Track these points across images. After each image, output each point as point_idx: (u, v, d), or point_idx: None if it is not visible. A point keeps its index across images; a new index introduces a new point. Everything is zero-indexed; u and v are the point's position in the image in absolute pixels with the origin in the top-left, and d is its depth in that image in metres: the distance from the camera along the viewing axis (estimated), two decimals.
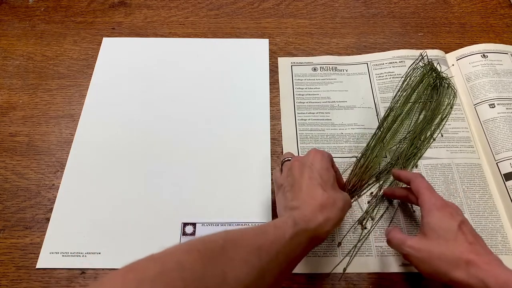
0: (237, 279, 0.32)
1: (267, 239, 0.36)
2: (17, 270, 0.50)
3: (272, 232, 0.37)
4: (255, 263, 0.34)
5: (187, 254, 0.32)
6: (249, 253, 0.34)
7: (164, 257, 0.31)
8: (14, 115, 0.63)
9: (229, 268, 0.32)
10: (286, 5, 0.78)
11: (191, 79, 0.67)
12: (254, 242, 0.35)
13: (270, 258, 0.35)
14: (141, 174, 0.57)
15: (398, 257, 0.51)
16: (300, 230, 0.38)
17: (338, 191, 0.44)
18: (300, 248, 0.38)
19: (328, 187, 0.42)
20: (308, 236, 0.38)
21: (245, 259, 0.33)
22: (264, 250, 0.35)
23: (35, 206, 0.55)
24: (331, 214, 0.40)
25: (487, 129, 0.59)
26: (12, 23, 0.74)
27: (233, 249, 0.34)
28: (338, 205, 0.41)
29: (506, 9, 0.77)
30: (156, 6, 0.77)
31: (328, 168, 0.45)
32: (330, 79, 0.67)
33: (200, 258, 0.31)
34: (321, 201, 0.41)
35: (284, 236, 0.37)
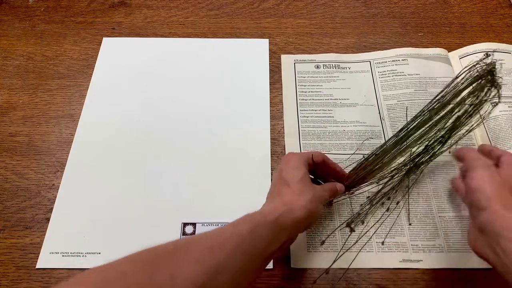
0: (188, 279, 0.32)
1: (222, 237, 0.36)
2: (17, 270, 0.50)
3: (230, 230, 0.37)
4: (208, 262, 0.34)
5: (131, 263, 0.32)
6: (201, 253, 0.34)
7: (107, 267, 0.31)
8: (14, 115, 0.63)
9: (179, 270, 0.32)
10: (286, 5, 0.78)
11: (191, 79, 0.67)
12: (207, 242, 0.36)
13: (227, 255, 0.35)
14: (141, 174, 0.57)
15: (398, 253, 0.51)
16: (257, 223, 0.38)
17: (307, 185, 0.44)
18: (262, 241, 0.38)
19: (294, 183, 0.43)
20: (269, 229, 0.38)
21: (197, 259, 0.33)
22: (217, 248, 0.35)
23: (35, 206, 0.54)
24: (295, 205, 0.41)
25: (488, 127, 0.59)
26: (12, 23, 0.74)
27: (184, 252, 0.34)
28: (305, 197, 0.42)
29: (506, 9, 0.77)
30: (156, 6, 0.77)
31: (297, 167, 0.45)
32: (333, 77, 0.67)
33: (144, 266, 0.32)
34: (284, 195, 0.42)
35: (241, 232, 0.37)
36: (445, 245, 0.51)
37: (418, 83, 0.65)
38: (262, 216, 0.39)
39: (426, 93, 0.64)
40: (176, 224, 0.53)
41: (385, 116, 0.62)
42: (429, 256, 0.50)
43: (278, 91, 0.66)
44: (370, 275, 0.49)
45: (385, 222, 0.53)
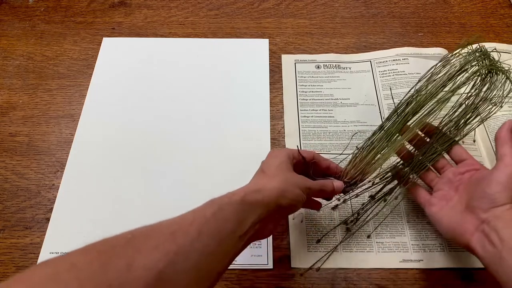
0: (145, 266, 0.30)
1: (184, 223, 0.35)
2: (17, 270, 0.50)
3: (191, 215, 0.36)
4: (169, 248, 0.32)
5: (83, 255, 0.30)
6: (162, 239, 0.32)
7: (57, 260, 0.30)
8: (14, 115, 0.63)
9: (136, 258, 0.30)
10: (286, 5, 0.78)
11: (191, 79, 0.67)
12: (169, 228, 0.34)
13: (191, 239, 0.33)
14: (141, 174, 0.57)
15: (398, 253, 0.50)
16: (222, 205, 0.36)
17: (284, 170, 0.42)
18: (229, 223, 0.36)
19: (270, 169, 0.42)
20: (234, 209, 0.37)
21: (156, 246, 0.32)
22: (180, 233, 0.33)
23: (35, 206, 0.54)
24: (265, 185, 0.39)
25: (488, 127, 0.60)
26: (12, 23, 0.74)
27: (142, 240, 0.32)
28: (277, 178, 0.40)
29: (506, 9, 0.77)
30: (156, 6, 0.77)
31: (276, 156, 0.44)
32: (334, 77, 0.67)
33: (99, 256, 0.30)
34: (256, 179, 0.42)
35: (205, 215, 0.35)
36: (446, 245, 0.51)
37: None
38: (227, 197, 0.38)
39: None
40: None
41: (386, 115, 0.62)
42: (429, 256, 0.50)
43: (278, 91, 0.66)
44: (370, 275, 0.49)
45: (385, 222, 0.53)
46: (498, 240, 0.37)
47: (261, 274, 0.50)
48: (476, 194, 0.41)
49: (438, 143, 0.47)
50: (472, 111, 0.47)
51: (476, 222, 0.40)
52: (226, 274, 0.49)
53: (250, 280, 0.49)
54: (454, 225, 0.42)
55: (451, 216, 0.43)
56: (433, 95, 0.47)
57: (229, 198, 0.37)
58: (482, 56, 0.47)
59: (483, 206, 0.40)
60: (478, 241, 0.40)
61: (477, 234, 0.40)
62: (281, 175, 0.41)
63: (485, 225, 0.39)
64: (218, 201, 0.37)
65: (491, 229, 0.39)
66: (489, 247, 0.38)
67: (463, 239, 0.41)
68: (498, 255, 0.37)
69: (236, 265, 0.50)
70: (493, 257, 0.38)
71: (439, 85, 0.47)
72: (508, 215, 0.39)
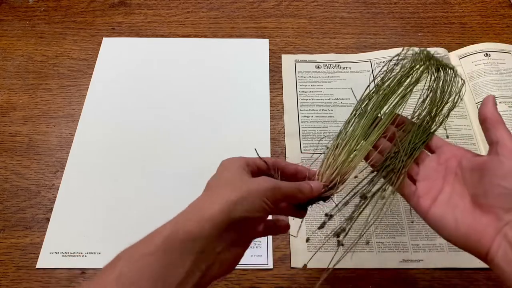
0: None
1: None
2: (17, 270, 0.50)
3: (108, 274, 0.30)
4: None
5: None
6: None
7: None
8: (14, 115, 0.63)
9: None
10: (286, 5, 0.78)
11: (191, 79, 0.67)
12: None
13: None
14: (141, 174, 0.57)
15: (398, 253, 0.50)
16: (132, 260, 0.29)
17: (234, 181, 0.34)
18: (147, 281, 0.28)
19: (219, 184, 0.35)
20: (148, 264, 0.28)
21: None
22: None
23: (35, 206, 0.54)
24: (206, 204, 0.32)
25: None
26: (12, 23, 0.74)
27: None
28: (227, 188, 0.33)
29: (506, 9, 0.77)
30: (156, 6, 0.77)
31: (227, 168, 0.36)
32: (334, 77, 0.67)
33: None
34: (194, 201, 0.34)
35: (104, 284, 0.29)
36: (446, 245, 0.51)
37: None
38: (141, 245, 0.30)
39: None
40: None
41: None
42: (429, 256, 0.50)
43: (278, 91, 0.66)
44: (370, 275, 0.49)
45: (385, 222, 0.53)
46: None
47: (261, 274, 0.50)
48: (490, 189, 0.34)
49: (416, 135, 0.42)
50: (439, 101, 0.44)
51: (496, 224, 0.33)
52: None
53: (250, 280, 0.49)
54: (466, 229, 0.34)
55: (458, 217, 0.35)
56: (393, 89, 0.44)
57: (143, 246, 0.30)
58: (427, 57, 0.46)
59: (505, 204, 0.32)
60: (500, 249, 0.32)
61: (498, 240, 0.32)
62: (232, 184, 0.33)
63: (508, 228, 0.32)
64: (125, 256, 0.29)
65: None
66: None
67: (480, 247, 0.33)
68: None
69: None
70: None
71: (396, 81, 0.45)
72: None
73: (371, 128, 0.42)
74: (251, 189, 0.33)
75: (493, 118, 0.35)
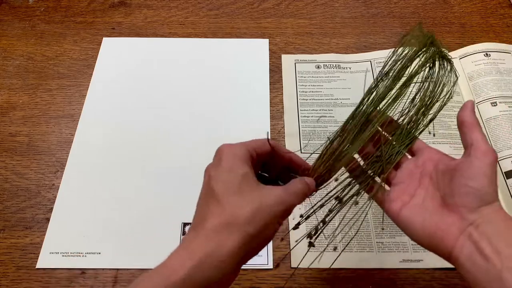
0: None
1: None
2: (17, 270, 0.50)
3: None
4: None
5: None
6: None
7: None
8: (14, 115, 0.63)
9: None
10: (286, 5, 0.78)
11: (191, 79, 0.67)
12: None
13: None
14: (141, 174, 0.57)
15: (398, 253, 0.50)
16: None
17: (249, 193, 0.31)
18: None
19: (228, 194, 0.31)
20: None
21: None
22: None
23: (35, 206, 0.54)
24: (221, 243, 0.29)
25: (488, 127, 0.59)
26: (12, 23, 0.74)
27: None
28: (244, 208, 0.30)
29: (506, 9, 0.77)
30: (156, 6, 0.77)
31: (233, 166, 0.32)
32: (334, 77, 0.67)
33: None
34: (209, 222, 0.30)
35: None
36: None
37: None
38: (162, 278, 0.27)
39: None
40: (176, 224, 0.53)
41: None
42: (429, 256, 0.50)
43: (278, 91, 0.66)
44: (370, 275, 0.49)
45: (385, 222, 0.53)
46: (493, 253, 0.30)
47: (261, 274, 0.50)
48: (457, 189, 0.34)
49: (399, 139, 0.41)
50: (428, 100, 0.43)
51: (460, 224, 0.33)
52: None
53: (250, 280, 0.49)
54: (431, 229, 0.34)
55: (425, 217, 0.35)
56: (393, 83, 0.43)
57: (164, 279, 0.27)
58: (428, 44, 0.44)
59: (470, 204, 0.33)
60: (465, 249, 0.32)
61: (462, 239, 0.32)
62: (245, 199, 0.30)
63: (472, 228, 0.32)
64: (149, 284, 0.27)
65: (481, 235, 0.31)
66: (480, 261, 0.30)
67: (444, 246, 0.33)
68: (496, 276, 0.29)
69: None
70: (487, 276, 0.30)
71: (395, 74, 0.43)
72: (500, 218, 0.32)
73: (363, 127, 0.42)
74: (269, 213, 0.31)
75: (470, 122, 0.36)
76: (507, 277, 0.29)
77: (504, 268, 0.29)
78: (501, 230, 0.31)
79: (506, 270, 0.29)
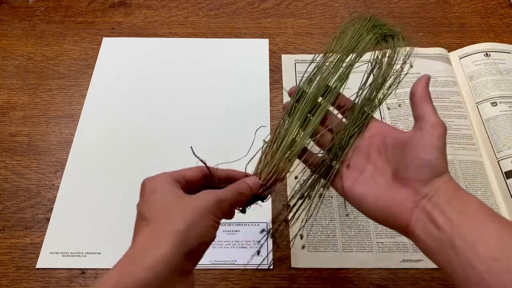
0: None
1: None
2: (17, 270, 0.50)
3: None
4: None
5: None
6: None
7: None
8: (14, 115, 0.63)
9: None
10: (286, 5, 0.78)
11: (191, 79, 0.67)
12: None
13: None
14: (141, 174, 0.57)
15: (398, 253, 0.50)
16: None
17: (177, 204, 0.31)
18: None
19: (156, 212, 0.31)
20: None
21: None
22: None
23: (35, 206, 0.54)
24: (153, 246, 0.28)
25: (489, 127, 0.59)
26: (12, 23, 0.74)
27: None
28: (172, 218, 0.30)
29: (506, 9, 0.77)
30: (156, 6, 0.77)
31: (158, 189, 0.33)
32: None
33: None
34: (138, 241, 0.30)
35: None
36: None
37: None
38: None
39: None
40: None
41: (386, 115, 0.62)
42: None
43: (278, 91, 0.66)
44: (370, 275, 0.49)
45: None
46: (446, 222, 0.30)
47: (261, 274, 0.50)
48: (410, 163, 0.33)
49: (354, 122, 0.40)
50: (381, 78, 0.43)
51: (414, 197, 0.33)
52: (226, 274, 0.49)
53: (250, 280, 0.49)
54: (385, 204, 0.34)
55: (378, 192, 0.34)
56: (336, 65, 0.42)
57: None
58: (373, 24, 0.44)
59: (423, 176, 0.32)
60: (419, 222, 0.32)
61: (416, 213, 0.32)
62: (173, 209, 0.30)
63: (425, 201, 0.32)
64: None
65: (434, 206, 0.31)
66: (434, 231, 0.31)
67: (400, 220, 0.33)
68: (448, 243, 0.30)
69: (236, 265, 0.50)
70: (441, 245, 0.30)
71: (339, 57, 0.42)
72: (452, 189, 0.32)
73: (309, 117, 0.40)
74: (197, 209, 0.30)
75: (422, 94, 0.35)
76: (458, 244, 0.29)
77: (455, 235, 0.29)
78: (452, 200, 0.31)
79: (458, 238, 0.29)
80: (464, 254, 0.29)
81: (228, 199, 0.33)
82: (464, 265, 0.29)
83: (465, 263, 0.29)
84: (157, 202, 0.31)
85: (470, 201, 0.32)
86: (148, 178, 0.35)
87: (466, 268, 0.28)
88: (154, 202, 0.31)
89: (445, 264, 0.30)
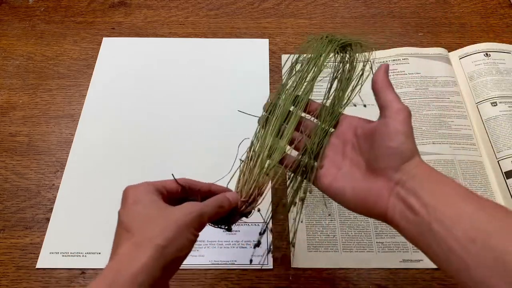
0: None
1: None
2: (17, 270, 0.50)
3: None
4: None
5: None
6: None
7: None
8: (14, 115, 0.63)
9: None
10: (286, 5, 0.78)
11: (191, 79, 0.67)
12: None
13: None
14: (141, 174, 0.57)
15: (398, 253, 0.50)
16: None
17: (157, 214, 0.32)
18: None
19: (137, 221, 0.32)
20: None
21: None
22: None
23: (35, 206, 0.54)
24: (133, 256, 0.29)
25: (488, 127, 0.59)
26: (12, 23, 0.74)
27: None
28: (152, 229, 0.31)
29: (506, 9, 0.77)
30: (156, 6, 0.77)
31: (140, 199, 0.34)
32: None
33: None
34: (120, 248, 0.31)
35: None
36: None
37: (419, 82, 0.65)
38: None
39: (427, 92, 0.64)
40: None
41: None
42: None
43: None
44: (370, 275, 0.49)
45: None
46: (421, 207, 0.31)
47: (261, 274, 0.50)
48: (379, 152, 0.34)
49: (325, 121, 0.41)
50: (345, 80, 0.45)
51: (388, 185, 0.33)
52: (226, 274, 0.49)
53: (250, 280, 0.49)
54: (362, 195, 0.35)
55: (355, 185, 0.35)
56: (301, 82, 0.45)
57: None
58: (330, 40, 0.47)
59: (393, 164, 0.33)
60: (396, 209, 0.33)
61: (392, 200, 0.33)
62: (154, 221, 0.31)
63: (399, 187, 0.33)
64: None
65: (408, 192, 0.32)
66: (411, 217, 0.31)
67: (378, 209, 0.34)
68: (426, 228, 0.30)
69: (236, 265, 0.50)
70: (419, 229, 0.31)
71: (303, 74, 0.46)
72: (423, 171, 0.33)
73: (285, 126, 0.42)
74: (178, 223, 0.31)
75: (382, 82, 0.36)
76: (436, 227, 0.29)
77: (432, 220, 0.30)
78: (425, 183, 0.32)
79: (435, 221, 0.30)
80: (442, 238, 0.29)
81: (208, 212, 0.34)
82: (443, 248, 0.29)
83: (444, 246, 0.29)
84: (140, 213, 0.32)
85: (444, 183, 0.32)
86: (130, 187, 0.35)
87: (446, 251, 0.29)
88: (137, 214, 0.32)
89: (426, 249, 0.31)
